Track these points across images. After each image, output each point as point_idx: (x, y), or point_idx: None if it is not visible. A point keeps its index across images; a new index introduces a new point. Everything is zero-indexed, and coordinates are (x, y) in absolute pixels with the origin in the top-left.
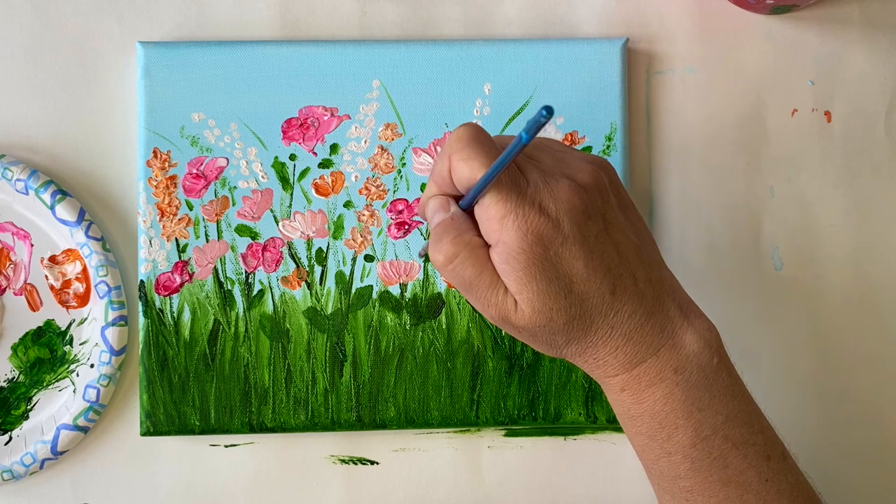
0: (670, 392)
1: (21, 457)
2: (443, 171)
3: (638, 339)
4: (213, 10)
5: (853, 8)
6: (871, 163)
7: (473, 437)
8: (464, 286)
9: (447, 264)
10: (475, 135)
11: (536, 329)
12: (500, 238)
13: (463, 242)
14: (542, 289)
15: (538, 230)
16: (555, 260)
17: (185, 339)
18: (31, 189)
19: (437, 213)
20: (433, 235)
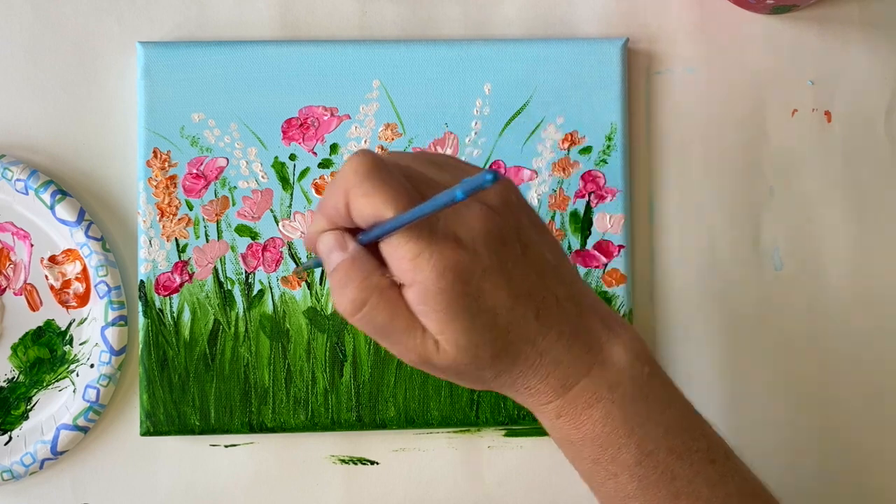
0: (608, 412)
1: (21, 457)
2: (338, 206)
3: (568, 361)
4: (213, 10)
5: (853, 8)
6: (871, 163)
7: (473, 437)
8: (376, 332)
9: (355, 313)
10: (374, 166)
11: (462, 367)
12: (414, 278)
13: (370, 287)
14: (465, 326)
15: (456, 266)
16: (476, 293)
17: (185, 339)
18: (31, 189)
19: (334, 251)
20: (334, 280)
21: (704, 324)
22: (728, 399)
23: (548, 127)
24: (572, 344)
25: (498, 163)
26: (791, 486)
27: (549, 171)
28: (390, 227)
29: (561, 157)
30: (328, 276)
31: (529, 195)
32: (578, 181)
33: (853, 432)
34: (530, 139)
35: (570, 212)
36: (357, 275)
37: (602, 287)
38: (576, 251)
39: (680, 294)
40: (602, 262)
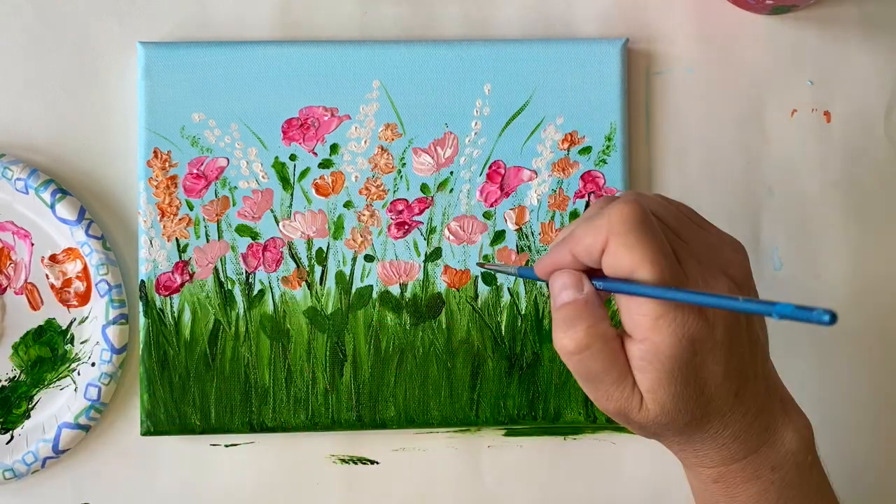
0: (765, 490)
1: (23, 455)
2: (592, 248)
3: (745, 437)
4: (214, 10)
5: (853, 8)
6: (871, 163)
7: (473, 436)
8: (586, 377)
9: (576, 353)
10: (644, 220)
11: (654, 426)
12: (648, 336)
13: (598, 334)
14: (677, 392)
15: (693, 335)
16: (699, 364)
17: (186, 338)
18: (32, 188)
19: (567, 289)
20: (561, 315)
21: None
22: None
23: (548, 127)
24: (753, 422)
25: (498, 163)
26: None
27: (548, 172)
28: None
29: (561, 158)
30: (553, 309)
31: (529, 195)
32: (578, 181)
33: (851, 433)
34: (530, 139)
35: (570, 212)
36: (587, 319)
37: None
38: None
39: None
40: None
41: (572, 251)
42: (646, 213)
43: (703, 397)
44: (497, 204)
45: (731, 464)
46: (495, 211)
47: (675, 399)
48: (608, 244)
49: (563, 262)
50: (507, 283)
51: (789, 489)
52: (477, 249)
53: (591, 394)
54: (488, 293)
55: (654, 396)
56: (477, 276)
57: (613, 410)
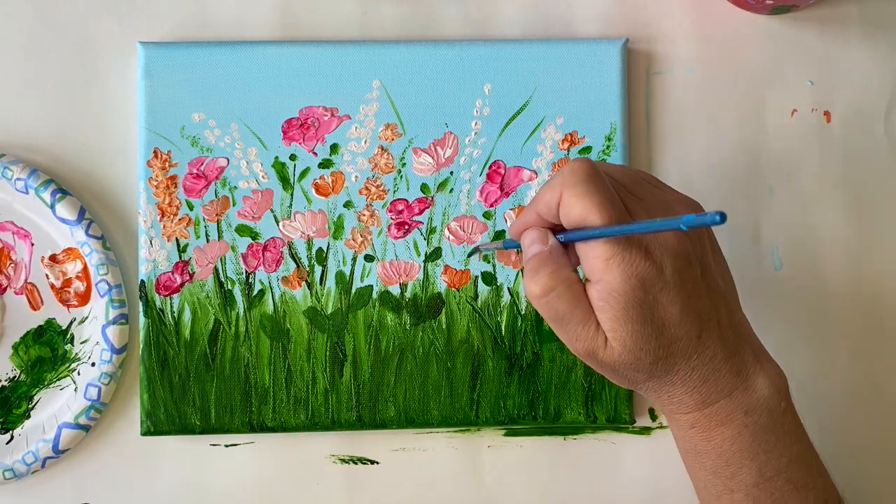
0: (739, 433)
1: (23, 455)
2: (550, 202)
3: (714, 380)
4: (214, 10)
5: (853, 8)
6: (871, 163)
7: (473, 436)
8: (555, 319)
9: (542, 296)
10: (591, 172)
11: (621, 367)
12: (602, 277)
13: (560, 277)
14: (636, 330)
15: (642, 274)
16: (652, 303)
17: (186, 338)
18: (32, 188)
19: (535, 243)
20: (529, 266)
21: None
22: None
23: (548, 127)
24: (722, 366)
25: (498, 163)
26: None
27: (549, 172)
28: (594, 234)
29: (561, 158)
30: (524, 263)
31: (529, 195)
32: None
33: (853, 431)
34: (530, 139)
35: None
36: (551, 265)
37: None
38: None
39: None
40: None
41: (536, 210)
42: (594, 167)
43: (663, 337)
44: (497, 204)
45: (705, 408)
46: (495, 211)
47: (634, 337)
48: (562, 197)
49: (531, 222)
50: (507, 283)
51: (763, 433)
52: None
53: (563, 336)
54: (488, 293)
55: (615, 335)
56: (477, 276)
57: (583, 351)
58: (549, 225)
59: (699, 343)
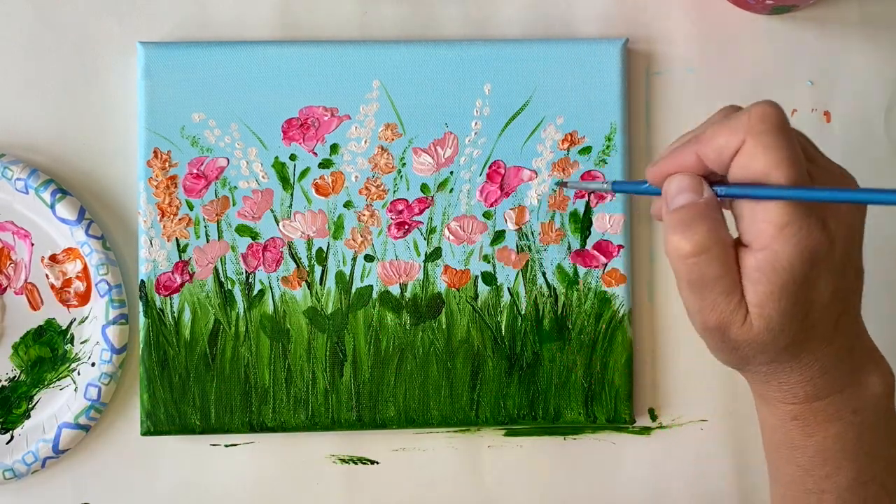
0: (844, 431)
1: (23, 455)
2: (725, 148)
3: (833, 375)
4: (214, 10)
5: (853, 8)
6: (871, 163)
7: (473, 436)
8: (696, 283)
9: (692, 256)
10: (784, 123)
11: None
12: (769, 245)
13: (718, 238)
14: (786, 309)
15: (815, 248)
16: (812, 283)
17: (186, 338)
18: (31, 188)
19: (686, 192)
20: (678, 217)
21: None
22: (728, 399)
23: (548, 127)
24: (842, 359)
25: (498, 163)
26: None
27: (548, 171)
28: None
29: (561, 158)
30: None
31: (529, 195)
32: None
33: None
34: (530, 139)
35: (570, 212)
36: (708, 221)
37: (602, 287)
38: (575, 251)
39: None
40: (602, 262)
41: (699, 152)
42: (786, 117)
43: (808, 320)
44: (497, 204)
45: (814, 401)
46: (495, 211)
47: (781, 316)
48: (745, 143)
49: (683, 165)
50: (507, 283)
51: (868, 433)
52: (477, 249)
53: (696, 303)
54: (488, 293)
55: (762, 311)
56: (477, 275)
57: (714, 322)
58: (704, 172)
59: (835, 331)
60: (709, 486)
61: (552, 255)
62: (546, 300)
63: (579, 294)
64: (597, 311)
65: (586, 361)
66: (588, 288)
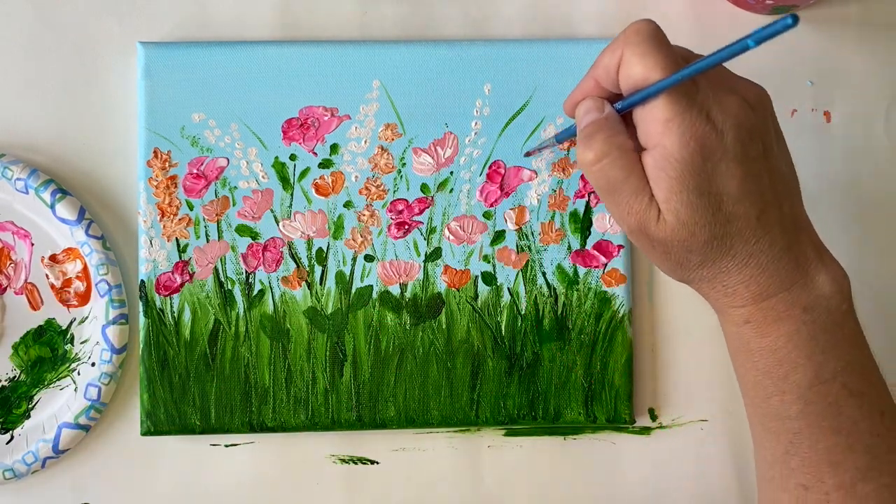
0: (796, 330)
1: (23, 455)
2: (609, 65)
3: (773, 271)
4: (214, 10)
5: (853, 8)
6: (871, 163)
7: (473, 436)
8: (607, 188)
9: (595, 163)
10: (656, 32)
11: (674, 243)
12: (659, 141)
13: (615, 143)
14: (691, 201)
15: (702, 139)
16: (711, 173)
17: (186, 338)
18: (31, 188)
19: (590, 112)
20: (583, 134)
21: (704, 324)
22: (728, 399)
23: (548, 127)
24: (782, 256)
25: (498, 163)
26: None
27: (548, 171)
28: (653, 90)
29: (561, 157)
30: (578, 133)
31: (529, 195)
32: (578, 181)
33: None
34: (530, 139)
35: (570, 212)
36: (606, 130)
37: (602, 287)
38: (575, 251)
39: (680, 294)
40: (602, 262)
41: (594, 76)
42: (657, 27)
43: (720, 213)
44: (497, 204)
45: (761, 301)
46: (495, 211)
47: (689, 209)
48: (623, 56)
49: (587, 90)
50: (507, 283)
51: (822, 333)
52: (477, 249)
53: (614, 209)
54: (488, 293)
55: (669, 206)
56: (477, 275)
57: (635, 224)
58: (607, 95)
59: (758, 225)
60: (709, 486)
61: (552, 255)
62: (546, 300)
63: (579, 294)
64: (597, 311)
65: (586, 361)
66: (588, 288)
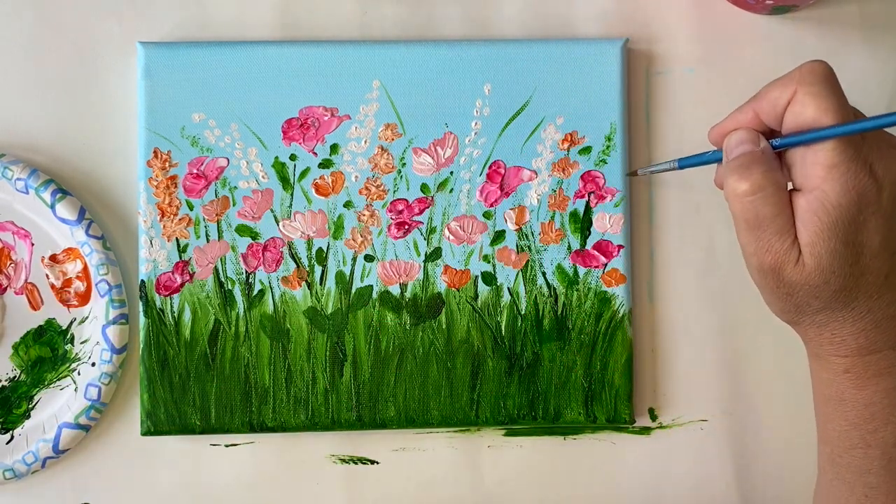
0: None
1: (23, 455)
2: (779, 100)
3: (885, 328)
4: (214, 10)
5: (853, 8)
6: None
7: (473, 436)
8: (753, 223)
9: (749, 195)
10: (831, 75)
11: (805, 287)
12: (818, 185)
13: (772, 178)
14: (836, 248)
15: (862, 190)
16: (861, 225)
17: (186, 338)
18: (32, 188)
19: (744, 144)
20: (737, 162)
21: (704, 324)
22: (728, 399)
23: (547, 127)
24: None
25: (498, 163)
26: (791, 484)
27: (548, 172)
28: (822, 134)
29: (561, 158)
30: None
31: (529, 195)
32: (578, 181)
33: None
34: (530, 139)
35: (570, 212)
36: (764, 165)
37: (602, 287)
38: (575, 251)
39: (680, 294)
40: (602, 262)
41: (755, 108)
42: (832, 71)
43: (857, 266)
44: (497, 204)
45: (867, 355)
46: (495, 211)
47: (831, 256)
48: (796, 94)
49: (743, 122)
50: (507, 283)
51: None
52: (477, 249)
53: (752, 243)
54: (488, 293)
55: (813, 250)
56: (477, 275)
57: (770, 263)
58: (761, 129)
59: (886, 283)
60: (709, 486)
61: (552, 255)
62: (546, 300)
63: (579, 294)
64: (597, 311)
65: (586, 361)
66: (588, 288)
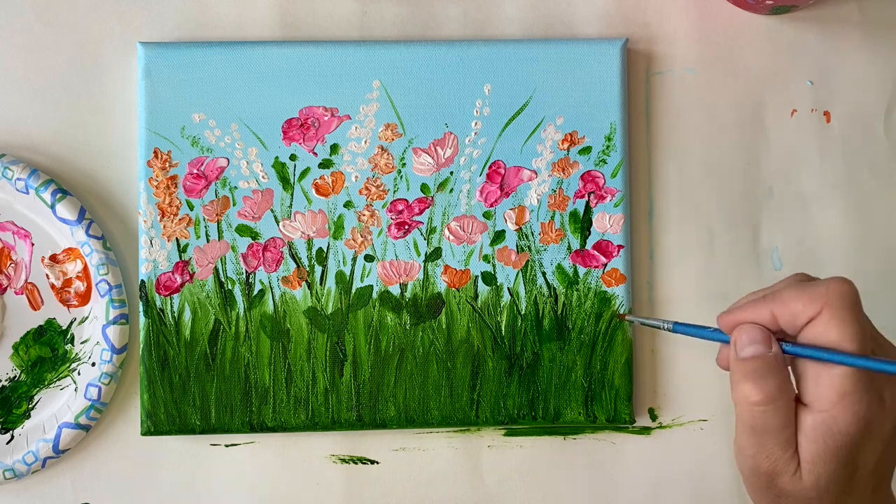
0: None
1: (23, 455)
2: (801, 313)
3: None
4: (214, 10)
5: (853, 8)
6: (871, 163)
7: (473, 436)
8: (757, 429)
9: (760, 404)
10: (858, 301)
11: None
12: (829, 409)
13: (785, 391)
14: (835, 470)
15: (870, 419)
16: (861, 447)
17: (186, 338)
18: (32, 188)
19: (756, 343)
20: (752, 367)
21: (704, 323)
22: (728, 399)
23: (547, 127)
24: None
25: (498, 163)
26: None
27: (548, 172)
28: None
29: (560, 158)
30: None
31: (529, 195)
32: (578, 181)
33: None
34: (530, 139)
35: (570, 212)
36: (778, 376)
37: (602, 287)
38: (575, 251)
39: (679, 294)
40: (602, 262)
41: (774, 311)
42: (859, 296)
43: (850, 483)
44: (497, 204)
45: None
46: (495, 211)
47: (829, 476)
48: (821, 314)
49: (756, 318)
50: (507, 283)
51: None
52: (477, 249)
53: (752, 447)
54: (488, 293)
55: (813, 468)
56: (477, 275)
57: (766, 469)
58: (774, 329)
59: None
60: (708, 486)
61: (552, 255)
62: (546, 300)
63: (579, 294)
64: (597, 311)
65: (586, 361)
66: (588, 288)
